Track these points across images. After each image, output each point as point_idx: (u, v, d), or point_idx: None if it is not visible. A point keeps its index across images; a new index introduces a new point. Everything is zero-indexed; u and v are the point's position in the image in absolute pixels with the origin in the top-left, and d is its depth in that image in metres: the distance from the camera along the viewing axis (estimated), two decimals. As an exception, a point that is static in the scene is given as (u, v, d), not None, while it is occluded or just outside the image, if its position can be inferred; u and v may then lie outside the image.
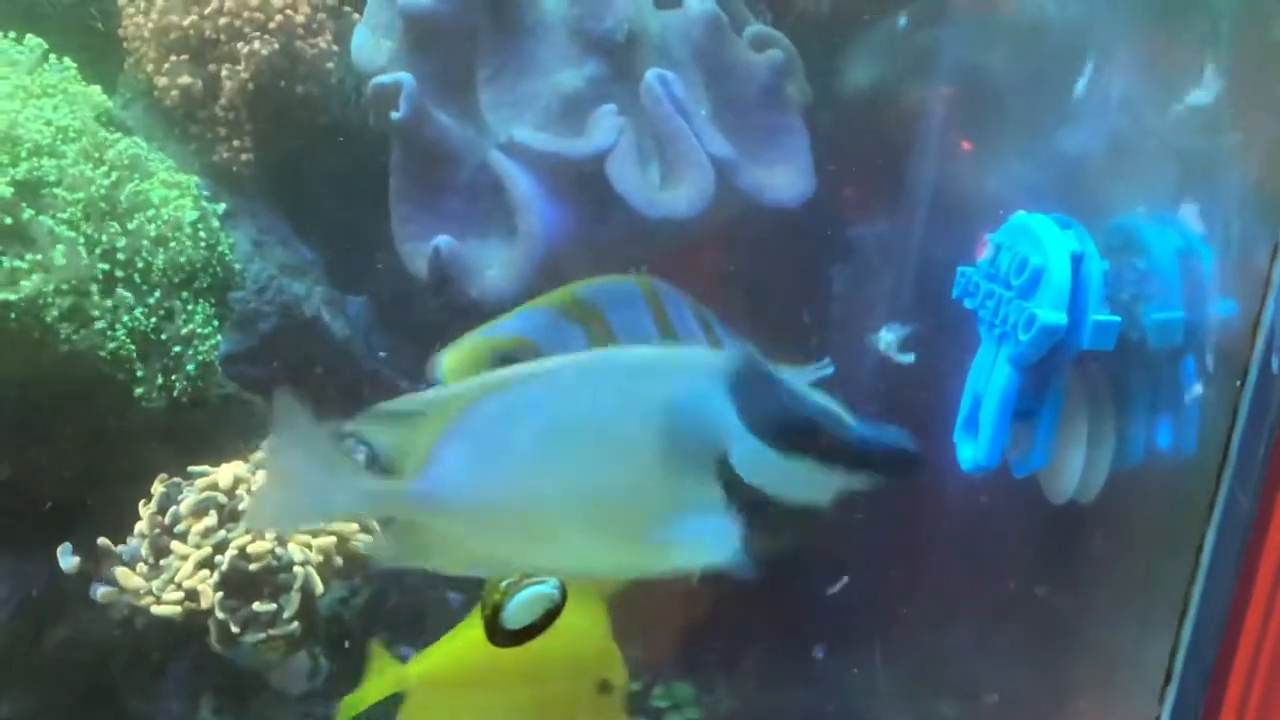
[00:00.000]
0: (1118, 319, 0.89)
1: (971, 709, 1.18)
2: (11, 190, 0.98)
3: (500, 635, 0.80)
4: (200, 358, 1.07)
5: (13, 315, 0.97)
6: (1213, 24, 0.91)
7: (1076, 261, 0.89)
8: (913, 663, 1.24)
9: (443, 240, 1.13)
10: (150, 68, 1.20)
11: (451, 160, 1.16)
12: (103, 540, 1.02)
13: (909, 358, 0.93)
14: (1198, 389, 0.89)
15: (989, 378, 0.94)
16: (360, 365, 1.28)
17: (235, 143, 1.22)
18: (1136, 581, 0.94)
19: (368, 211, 1.23)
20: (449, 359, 0.80)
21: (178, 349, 1.05)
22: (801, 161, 1.22)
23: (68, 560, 1.04)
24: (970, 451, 0.95)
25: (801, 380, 0.69)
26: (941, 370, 1.00)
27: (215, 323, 1.08)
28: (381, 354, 1.31)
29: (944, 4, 1.20)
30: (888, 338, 0.94)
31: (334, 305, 1.27)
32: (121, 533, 1.05)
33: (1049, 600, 1.04)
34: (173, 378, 1.05)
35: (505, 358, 0.80)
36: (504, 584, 0.78)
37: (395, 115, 1.12)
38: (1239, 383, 0.79)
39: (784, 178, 1.21)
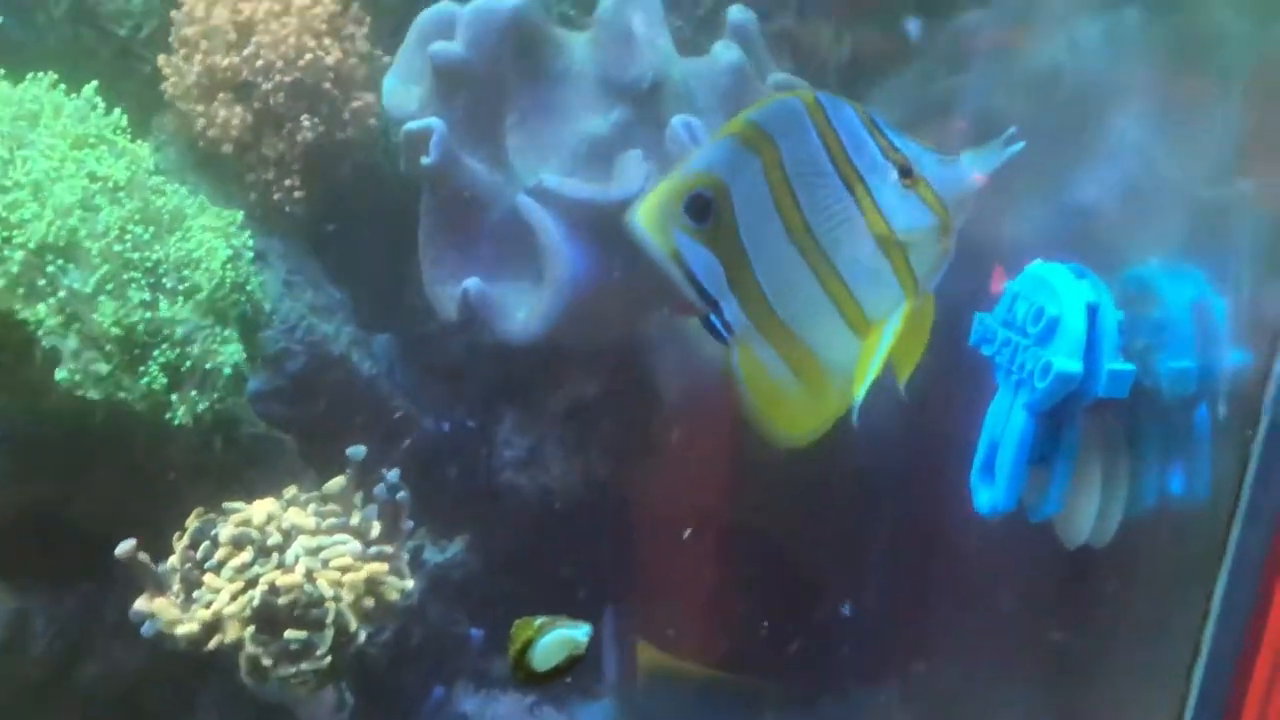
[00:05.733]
0: (1132, 368, 0.91)
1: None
2: (54, 242, 1.01)
3: (524, 673, 0.82)
4: (227, 390, 1.09)
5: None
6: (1225, 73, 0.93)
7: (1092, 311, 0.91)
8: (928, 701, 1.26)
9: (472, 283, 1.15)
10: (196, 109, 1.23)
11: (480, 204, 1.19)
12: (143, 555, 1.04)
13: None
14: (1210, 437, 0.90)
15: (1005, 423, 0.95)
16: (386, 403, 1.30)
17: (286, 182, 1.25)
18: (1149, 626, 0.95)
19: (395, 252, 1.25)
20: (644, 208, 0.82)
21: (206, 384, 1.08)
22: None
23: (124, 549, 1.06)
24: (987, 496, 0.97)
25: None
26: (959, 414, 1.02)
27: (243, 357, 1.10)
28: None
29: (962, 53, 1.22)
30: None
31: (361, 345, 1.30)
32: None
33: (1064, 643, 1.06)
34: (200, 406, 1.07)
35: (698, 196, 0.81)
36: (537, 623, 0.80)
37: (425, 160, 1.15)
38: (1250, 431, 0.81)
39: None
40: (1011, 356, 0.95)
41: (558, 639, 0.79)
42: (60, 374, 1.02)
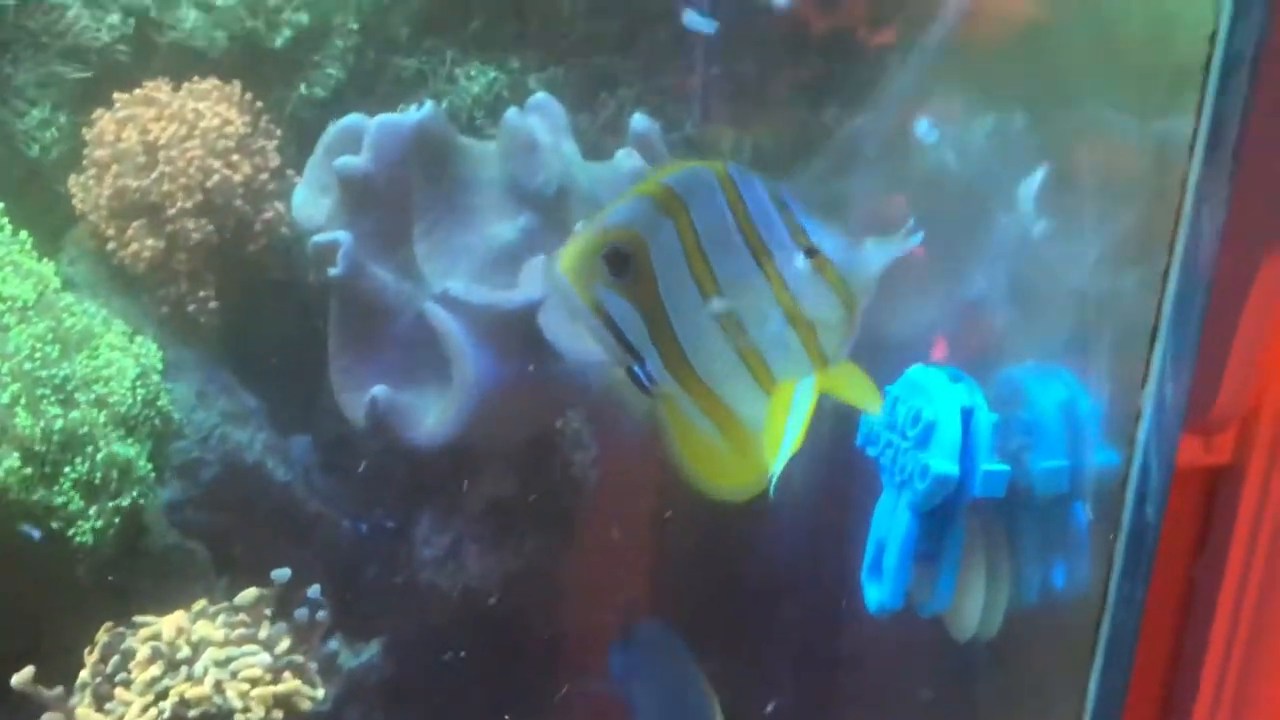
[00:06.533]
0: (1007, 468, 0.95)
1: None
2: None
3: None
4: (136, 501, 1.11)
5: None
6: (1109, 169, 0.96)
7: (966, 415, 0.95)
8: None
9: (379, 390, 1.18)
10: (108, 231, 1.25)
11: (388, 313, 1.21)
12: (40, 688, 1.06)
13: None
14: (1087, 533, 0.94)
15: (891, 523, 0.99)
16: (302, 507, 1.32)
17: (200, 294, 1.27)
18: (1036, 714, 0.98)
19: (310, 358, 1.28)
20: (565, 262, 0.83)
21: (116, 499, 1.10)
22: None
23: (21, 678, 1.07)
24: (876, 594, 1.00)
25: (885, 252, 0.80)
26: (850, 514, 1.05)
27: (153, 470, 1.12)
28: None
29: (856, 155, 1.27)
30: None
31: (277, 450, 1.32)
32: (68, 682, 1.08)
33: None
34: (111, 520, 1.09)
35: (616, 250, 0.82)
36: None
37: (333, 271, 1.17)
38: (1111, 535, 0.84)
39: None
40: (894, 458, 0.98)
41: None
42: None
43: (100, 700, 1.06)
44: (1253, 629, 1.20)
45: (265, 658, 1.08)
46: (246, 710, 1.06)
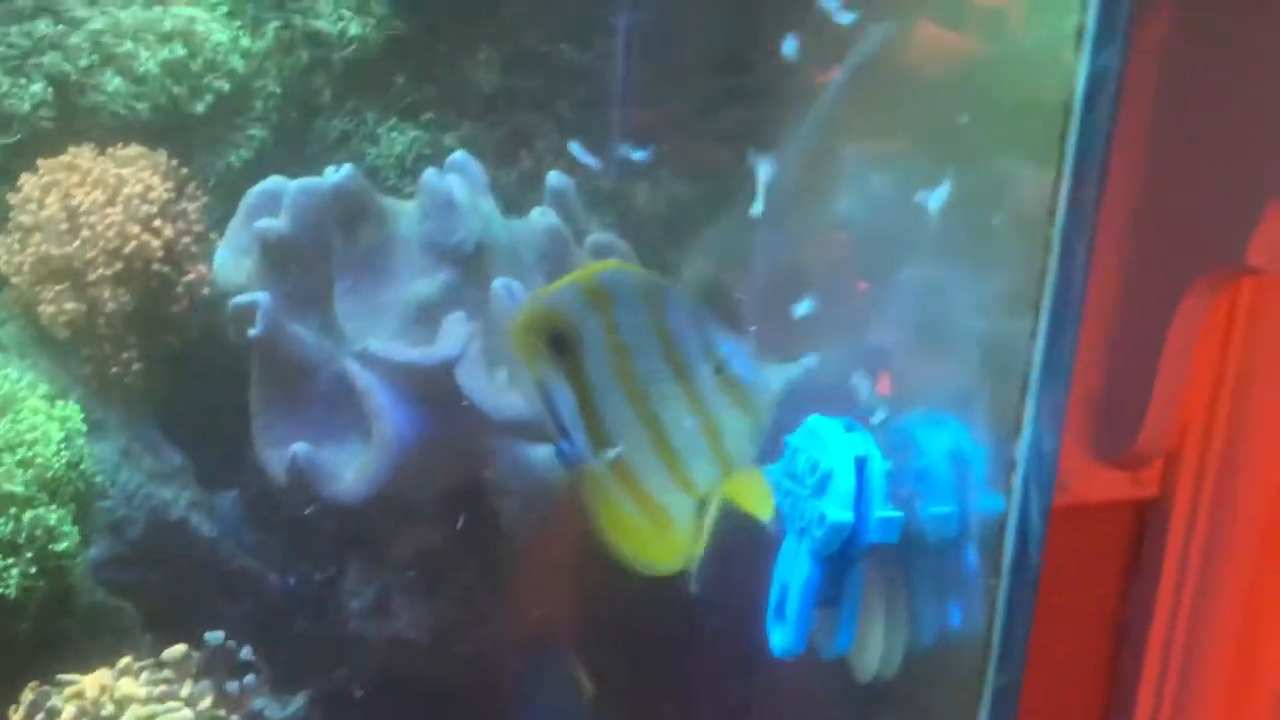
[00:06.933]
0: (900, 514, 0.98)
1: None
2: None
3: None
4: (61, 561, 1.13)
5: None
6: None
7: (860, 463, 0.99)
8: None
9: (300, 447, 1.21)
10: (32, 294, 1.28)
11: (309, 371, 1.24)
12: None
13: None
14: (978, 575, 0.97)
15: (792, 569, 1.02)
16: (228, 562, 1.34)
17: (124, 356, 1.30)
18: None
19: (236, 414, 1.30)
20: (516, 335, 0.88)
21: (41, 559, 1.12)
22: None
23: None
24: (780, 638, 1.03)
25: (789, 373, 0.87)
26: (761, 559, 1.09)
27: (78, 531, 1.14)
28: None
29: (768, 207, 1.30)
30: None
31: (203, 506, 1.34)
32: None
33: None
34: (35, 581, 1.11)
35: (557, 332, 0.88)
36: None
37: (253, 332, 1.20)
38: (993, 580, 0.88)
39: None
40: (794, 506, 1.02)
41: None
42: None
43: (25, 759, 1.08)
44: (1184, 660, 1.24)
45: (188, 714, 1.10)
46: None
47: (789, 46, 0.99)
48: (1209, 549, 1.22)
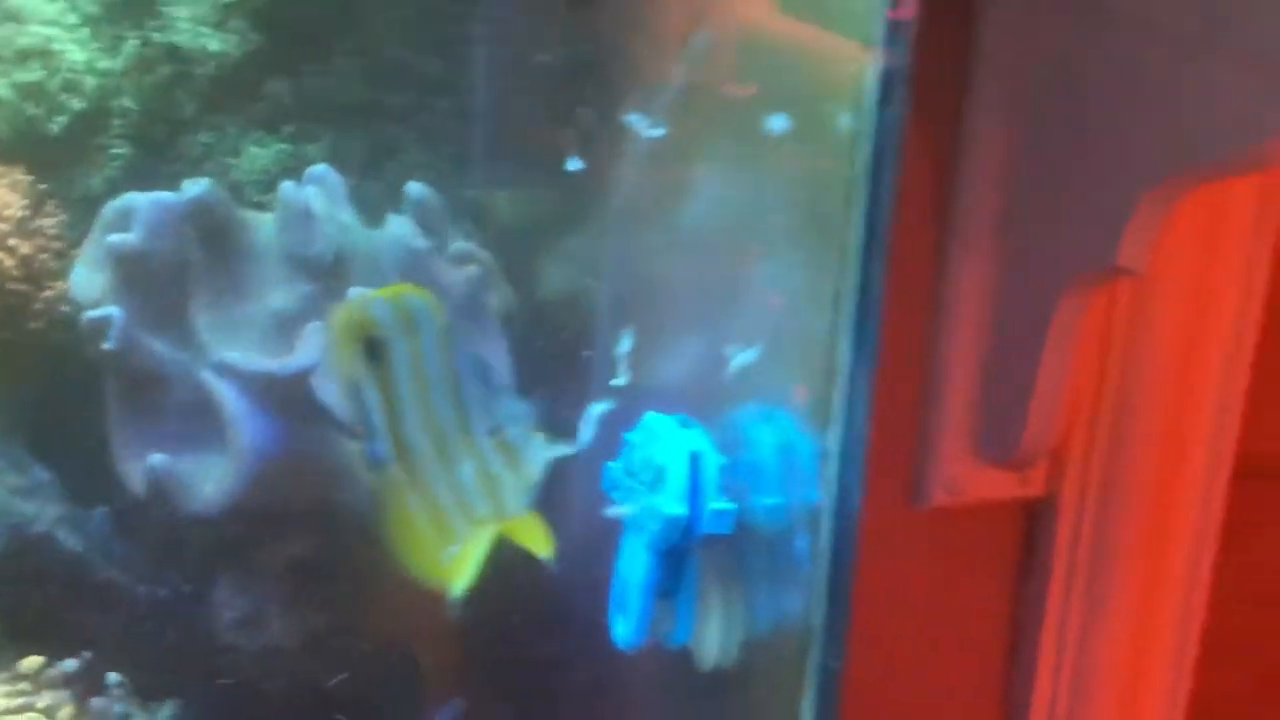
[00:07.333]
0: (733, 506, 1.02)
1: None
2: None
3: None
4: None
5: None
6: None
7: (695, 458, 1.02)
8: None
9: (157, 458, 1.22)
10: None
11: (165, 384, 1.26)
12: None
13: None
14: (809, 565, 1.01)
15: (632, 563, 1.05)
16: (96, 576, 1.35)
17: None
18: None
19: (103, 431, 1.31)
20: (335, 329, 0.93)
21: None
22: (500, 365, 1.34)
23: None
24: (622, 630, 1.06)
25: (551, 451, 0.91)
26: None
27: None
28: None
29: (619, 215, 1.33)
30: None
31: (69, 522, 1.34)
32: None
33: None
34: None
35: (372, 339, 0.92)
36: None
37: (106, 345, 1.21)
38: (814, 567, 0.91)
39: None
40: (631, 502, 1.05)
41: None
42: None
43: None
44: (1077, 661, 1.28)
45: (43, 725, 1.11)
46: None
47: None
48: (1098, 547, 1.25)
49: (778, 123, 0.95)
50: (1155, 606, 1.30)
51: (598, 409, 0.95)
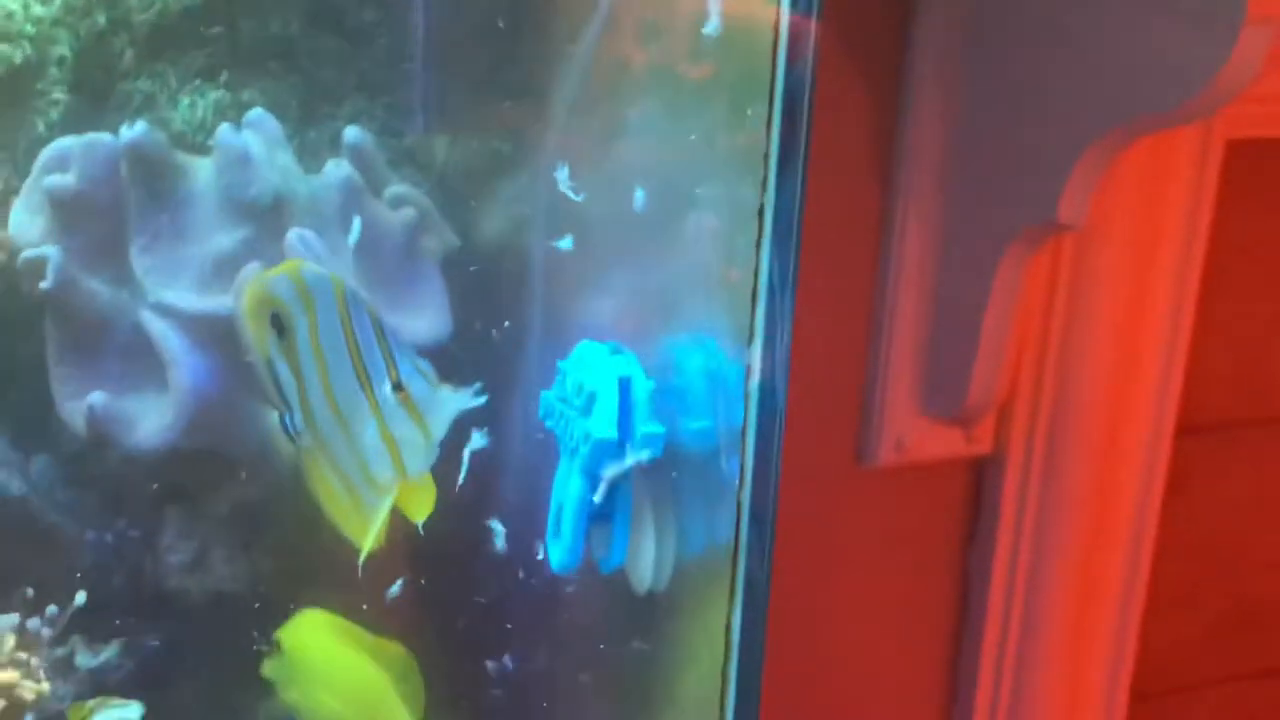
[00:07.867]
0: (662, 429, 1.04)
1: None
2: None
3: None
4: None
5: None
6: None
7: (624, 384, 1.04)
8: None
9: (96, 397, 1.23)
10: None
11: (104, 324, 1.26)
12: None
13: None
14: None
15: (566, 488, 1.07)
16: (39, 520, 1.36)
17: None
18: (703, 657, 1.07)
19: (44, 375, 1.32)
20: (246, 299, 0.98)
21: None
22: (438, 305, 1.35)
23: None
24: (558, 554, 1.08)
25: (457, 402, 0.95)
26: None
27: None
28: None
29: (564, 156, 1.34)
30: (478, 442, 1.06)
31: (11, 466, 1.35)
32: None
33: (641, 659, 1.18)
34: None
35: (276, 315, 0.96)
36: (89, 705, 0.88)
37: (43, 285, 1.22)
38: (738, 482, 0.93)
39: (423, 321, 1.34)
40: (565, 427, 1.07)
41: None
42: None
43: None
44: (1025, 615, 1.31)
45: (-15, 657, 1.12)
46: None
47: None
48: (1044, 501, 1.28)
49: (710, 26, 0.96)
50: (1102, 559, 1.33)
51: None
